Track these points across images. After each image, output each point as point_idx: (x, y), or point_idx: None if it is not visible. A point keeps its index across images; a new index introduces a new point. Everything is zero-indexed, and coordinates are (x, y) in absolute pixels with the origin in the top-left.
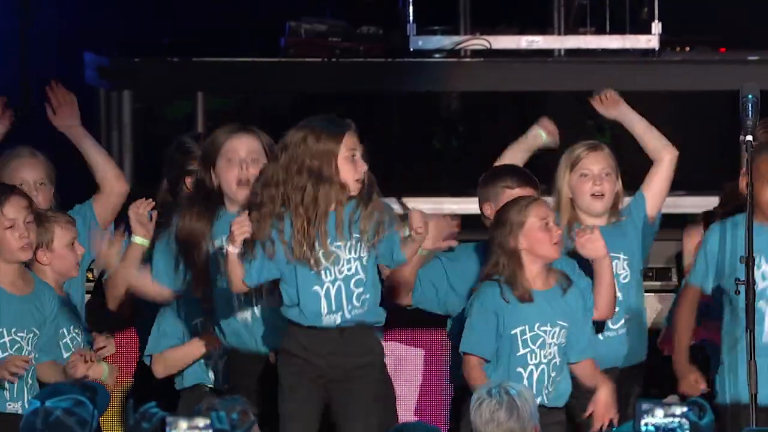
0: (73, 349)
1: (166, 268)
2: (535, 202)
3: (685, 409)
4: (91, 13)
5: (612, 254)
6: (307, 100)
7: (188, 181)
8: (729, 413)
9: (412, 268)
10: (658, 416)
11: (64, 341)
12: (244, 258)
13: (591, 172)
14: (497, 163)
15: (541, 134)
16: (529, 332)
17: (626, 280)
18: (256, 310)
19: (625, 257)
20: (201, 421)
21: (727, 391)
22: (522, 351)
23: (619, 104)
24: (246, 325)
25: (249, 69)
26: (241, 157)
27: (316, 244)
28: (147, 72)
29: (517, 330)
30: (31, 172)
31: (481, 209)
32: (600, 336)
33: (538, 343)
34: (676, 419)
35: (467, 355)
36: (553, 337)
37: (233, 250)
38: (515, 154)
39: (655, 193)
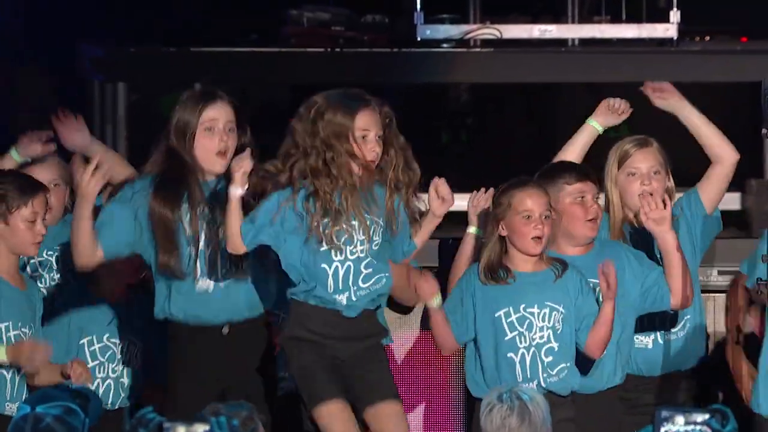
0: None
1: (116, 230)
2: (523, 190)
3: (707, 416)
4: (86, 3)
5: None
6: (309, 92)
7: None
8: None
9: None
10: (679, 424)
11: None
12: (243, 220)
13: (639, 170)
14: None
15: (596, 126)
16: (514, 314)
17: None
18: (221, 282)
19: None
20: (200, 428)
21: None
22: (510, 334)
23: (674, 94)
24: (206, 295)
25: (248, 60)
26: (219, 127)
27: (328, 220)
28: (143, 63)
29: (501, 312)
30: (44, 173)
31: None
32: (660, 340)
33: (525, 324)
34: (698, 427)
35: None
36: (542, 320)
37: (236, 191)
38: (573, 151)
39: (713, 194)
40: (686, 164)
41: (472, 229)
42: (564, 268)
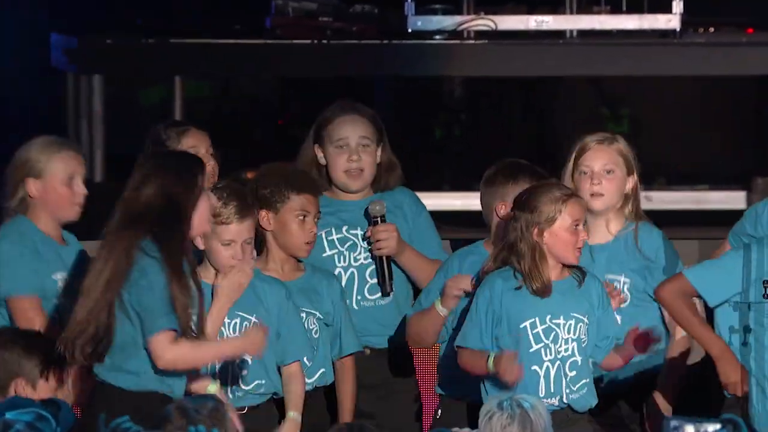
0: None
1: None
2: (573, 199)
3: (718, 426)
4: None
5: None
6: (295, 85)
7: None
8: None
9: None
10: None
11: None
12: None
13: (590, 168)
14: None
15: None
16: (540, 325)
17: (625, 305)
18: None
19: (626, 280)
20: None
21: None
22: (535, 347)
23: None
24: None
25: (231, 51)
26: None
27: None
28: (119, 54)
29: (527, 323)
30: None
31: (490, 208)
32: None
33: (551, 336)
34: None
35: (462, 349)
36: (568, 332)
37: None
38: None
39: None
40: (686, 162)
41: (442, 310)
42: (584, 275)
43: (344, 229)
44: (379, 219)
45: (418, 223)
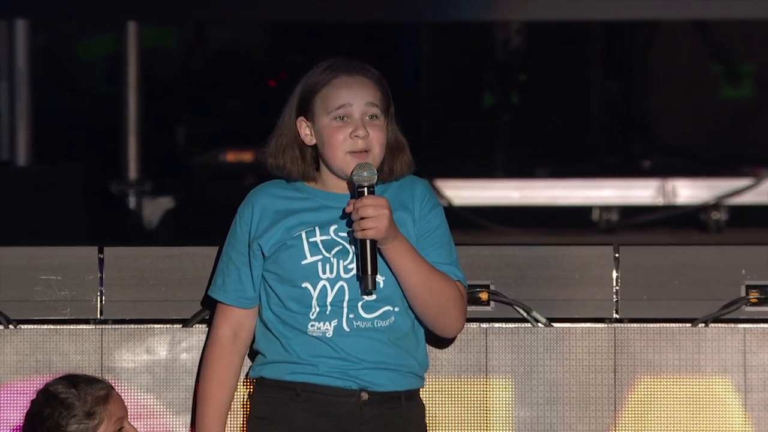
0: None
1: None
2: None
3: None
4: None
5: None
6: (285, 35)
7: None
8: None
9: None
10: None
11: None
12: None
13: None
14: None
15: None
16: None
17: None
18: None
19: None
20: None
21: None
22: None
23: None
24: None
25: None
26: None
27: None
28: None
29: None
30: None
31: None
32: None
33: None
34: None
35: None
36: None
37: None
38: None
39: None
40: None
41: None
42: None
43: (332, 229)
44: (365, 189)
45: (427, 221)
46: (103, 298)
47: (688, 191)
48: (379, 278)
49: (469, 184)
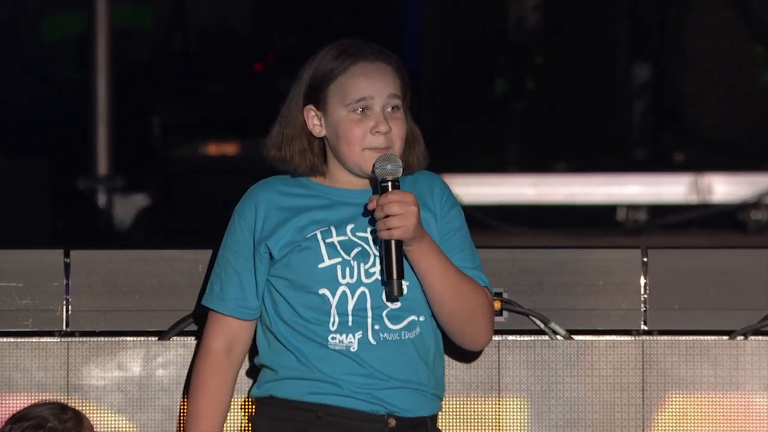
0: None
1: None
2: None
3: None
4: None
5: None
6: (272, 11)
7: None
8: None
9: None
10: None
11: None
12: None
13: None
14: None
15: None
16: None
17: None
18: None
19: None
20: None
21: None
22: None
23: None
24: None
25: None
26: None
27: None
28: None
29: None
30: None
31: None
32: None
33: None
34: None
35: None
36: None
37: None
38: None
39: None
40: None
41: None
42: None
43: (348, 229)
44: (390, 183)
45: (448, 221)
46: (70, 307)
47: (725, 188)
48: (404, 284)
49: (478, 180)
